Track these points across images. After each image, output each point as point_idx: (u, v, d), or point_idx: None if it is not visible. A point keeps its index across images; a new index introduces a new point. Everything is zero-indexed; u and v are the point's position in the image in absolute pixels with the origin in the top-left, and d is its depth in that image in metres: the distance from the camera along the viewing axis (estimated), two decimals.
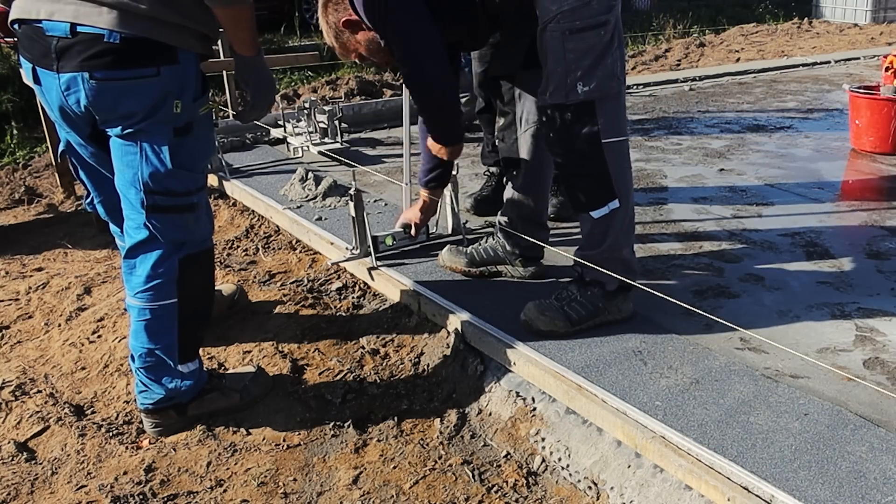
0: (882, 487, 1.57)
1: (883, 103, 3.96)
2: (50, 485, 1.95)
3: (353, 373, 2.31)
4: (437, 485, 1.88)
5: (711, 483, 1.63)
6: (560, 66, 2.04)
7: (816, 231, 2.97)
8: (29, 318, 2.89)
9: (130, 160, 1.87)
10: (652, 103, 5.48)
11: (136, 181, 1.87)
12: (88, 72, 1.77)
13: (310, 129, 4.26)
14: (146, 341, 2.00)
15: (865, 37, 9.89)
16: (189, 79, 1.88)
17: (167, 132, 1.87)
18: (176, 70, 1.84)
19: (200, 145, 1.97)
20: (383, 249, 2.75)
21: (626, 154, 2.16)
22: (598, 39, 2.02)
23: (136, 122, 1.84)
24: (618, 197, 2.11)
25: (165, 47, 1.81)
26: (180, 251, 1.97)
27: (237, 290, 2.69)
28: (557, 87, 2.06)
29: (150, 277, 1.95)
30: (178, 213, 1.93)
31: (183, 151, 1.90)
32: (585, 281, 2.22)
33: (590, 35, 2.02)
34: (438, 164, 2.45)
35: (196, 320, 2.08)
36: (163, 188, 1.88)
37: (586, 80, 2.03)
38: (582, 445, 1.92)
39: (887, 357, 2.07)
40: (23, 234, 3.82)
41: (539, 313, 2.20)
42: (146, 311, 1.97)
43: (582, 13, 2.00)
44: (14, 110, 6.26)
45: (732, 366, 2.02)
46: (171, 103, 1.85)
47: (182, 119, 1.88)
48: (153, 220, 1.90)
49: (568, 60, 2.03)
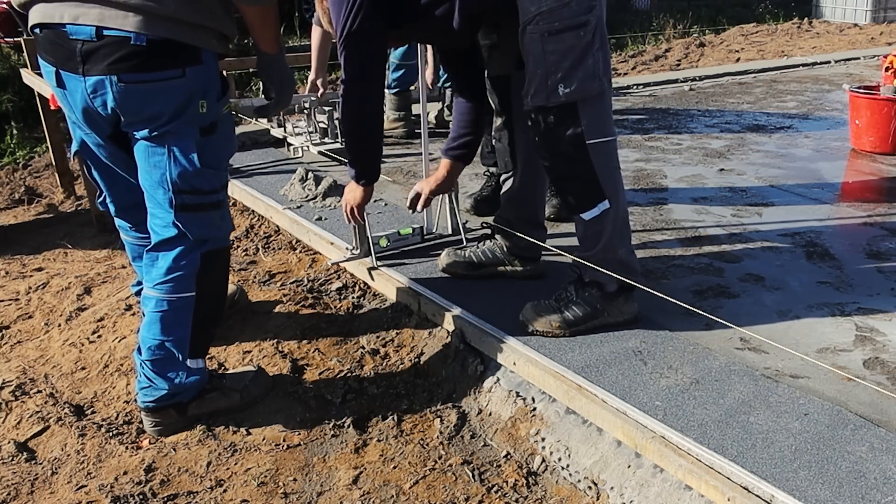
0: (882, 487, 1.57)
1: (883, 103, 3.96)
2: (50, 485, 1.95)
3: (353, 373, 2.31)
4: (437, 485, 1.88)
5: (711, 483, 1.63)
6: (540, 69, 2.03)
7: (816, 231, 2.97)
8: (29, 318, 2.90)
9: (158, 161, 1.91)
10: (652, 103, 5.48)
11: (165, 181, 1.91)
12: (116, 75, 1.80)
13: (310, 129, 4.26)
14: (159, 333, 2.01)
15: (865, 37, 9.89)
16: (212, 78, 1.92)
17: (194, 133, 1.91)
18: (200, 70, 1.87)
19: (224, 143, 2.02)
20: (379, 250, 2.76)
21: (613, 154, 2.15)
22: (577, 40, 2.00)
23: (163, 124, 1.87)
24: (607, 198, 2.10)
25: (189, 48, 1.84)
26: (203, 246, 2.01)
27: (237, 290, 2.70)
28: (538, 90, 2.04)
29: (172, 269, 1.98)
30: (205, 211, 1.98)
31: (209, 150, 1.94)
32: (584, 282, 2.22)
33: (569, 36, 2.00)
34: (467, 135, 2.45)
35: (210, 317, 2.11)
36: (191, 187, 1.93)
37: (567, 82, 2.01)
38: (582, 445, 1.92)
39: (887, 357, 2.07)
40: (23, 234, 3.83)
41: (535, 314, 2.20)
42: (164, 303, 2.00)
43: (561, 14, 1.98)
44: (14, 110, 6.27)
45: (732, 366, 2.02)
46: (197, 103, 1.88)
47: (207, 119, 1.92)
48: (182, 219, 1.95)
49: (548, 62, 2.02)
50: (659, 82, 6.26)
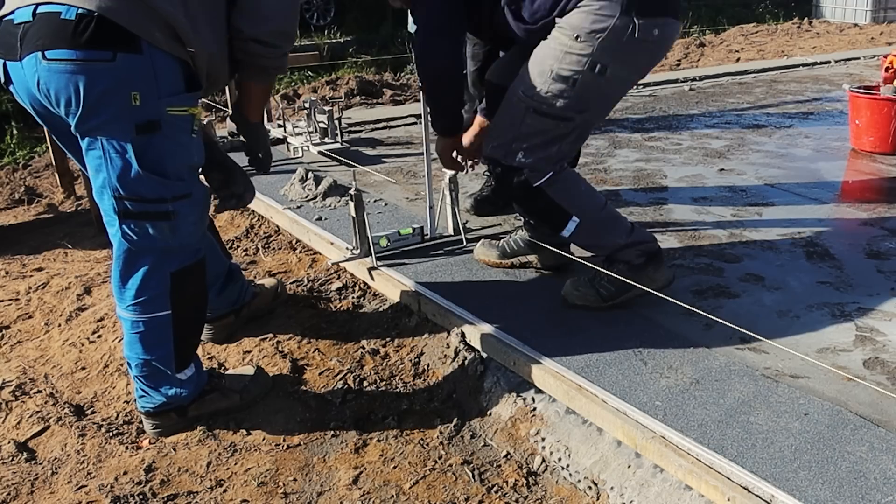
0: (882, 487, 1.57)
1: (883, 103, 3.96)
2: (50, 485, 1.95)
3: (353, 373, 2.31)
4: (437, 485, 1.88)
5: (711, 483, 1.64)
6: (511, 132, 2.17)
7: (816, 231, 2.97)
8: (29, 318, 2.90)
9: (98, 165, 1.78)
10: (652, 103, 5.48)
11: (106, 186, 1.79)
12: (41, 51, 1.66)
13: (310, 129, 4.26)
14: (141, 352, 1.98)
15: (865, 37, 9.88)
16: (153, 74, 1.74)
17: (128, 129, 1.74)
18: (136, 60, 1.70)
19: (174, 148, 1.82)
20: (379, 250, 2.76)
21: (568, 179, 2.25)
22: (555, 129, 2.14)
23: (89, 114, 1.71)
24: (573, 215, 2.23)
25: (126, 33, 1.68)
26: (170, 264, 1.91)
27: (278, 283, 2.69)
28: (501, 145, 2.19)
29: (140, 291, 1.90)
30: (150, 220, 1.83)
31: (151, 152, 1.77)
32: (612, 261, 2.30)
33: (549, 122, 2.14)
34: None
35: (191, 329, 2.06)
36: (131, 193, 1.79)
37: (527, 155, 2.16)
38: (582, 445, 1.92)
39: (887, 357, 2.07)
40: (23, 234, 3.83)
41: (573, 289, 2.33)
42: (139, 324, 1.94)
43: (552, 103, 2.10)
44: (14, 110, 6.27)
45: (732, 366, 2.02)
46: (128, 95, 1.71)
47: (143, 114, 1.74)
48: (124, 227, 1.82)
49: (521, 131, 2.15)
50: (659, 82, 6.26)
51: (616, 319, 2.27)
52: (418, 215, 3.18)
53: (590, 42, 2.02)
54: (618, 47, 2.03)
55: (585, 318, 2.28)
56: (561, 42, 2.06)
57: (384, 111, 5.45)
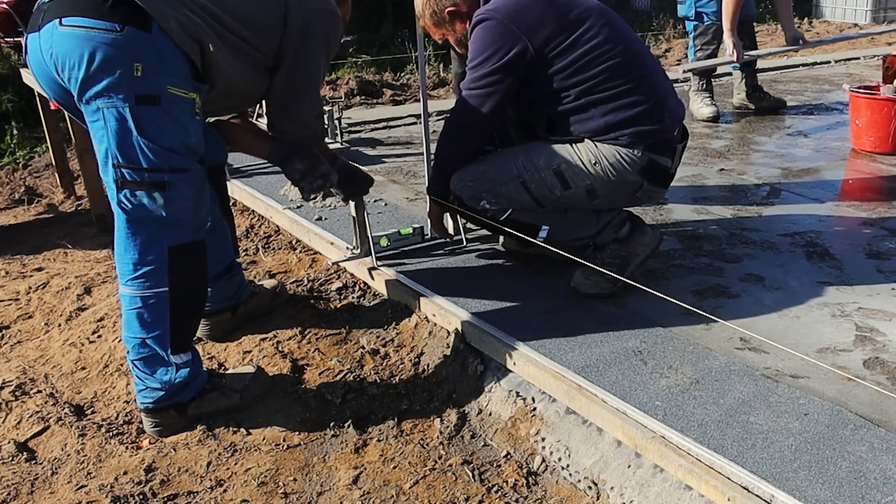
0: (882, 487, 1.57)
1: (883, 103, 3.96)
2: (50, 485, 1.95)
3: (353, 373, 2.31)
4: (437, 485, 1.88)
5: (711, 483, 1.64)
6: (489, 185, 2.34)
7: (816, 231, 2.97)
8: (29, 318, 2.90)
9: (101, 135, 1.85)
10: None
11: (108, 155, 1.86)
12: (59, 17, 1.77)
13: None
14: (138, 330, 1.99)
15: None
16: (157, 52, 1.82)
17: (128, 97, 1.81)
18: (143, 37, 1.79)
19: (172, 125, 1.88)
20: (379, 250, 2.76)
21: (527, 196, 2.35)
22: (528, 203, 2.34)
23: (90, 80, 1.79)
24: (542, 225, 2.38)
25: (139, 9, 1.78)
26: (167, 237, 1.94)
27: (278, 284, 2.71)
28: (471, 188, 2.36)
29: (139, 264, 1.94)
30: (146, 190, 1.89)
31: (150, 125, 1.84)
32: (601, 245, 2.43)
33: (527, 197, 2.33)
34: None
35: (188, 311, 2.08)
36: (129, 161, 1.85)
37: (493, 203, 2.36)
38: (582, 445, 1.92)
39: (887, 357, 2.07)
40: (23, 234, 3.83)
41: (584, 278, 2.40)
42: (137, 299, 1.96)
43: (539, 187, 2.31)
44: (14, 110, 6.27)
45: (732, 366, 2.02)
46: (131, 66, 1.79)
47: (143, 86, 1.81)
48: (121, 195, 1.89)
49: (498, 190, 2.33)
50: None
51: (616, 319, 2.27)
52: (418, 215, 3.18)
53: (600, 172, 2.27)
54: (616, 188, 2.31)
55: (585, 319, 2.28)
56: (580, 154, 2.28)
57: (384, 111, 5.46)
